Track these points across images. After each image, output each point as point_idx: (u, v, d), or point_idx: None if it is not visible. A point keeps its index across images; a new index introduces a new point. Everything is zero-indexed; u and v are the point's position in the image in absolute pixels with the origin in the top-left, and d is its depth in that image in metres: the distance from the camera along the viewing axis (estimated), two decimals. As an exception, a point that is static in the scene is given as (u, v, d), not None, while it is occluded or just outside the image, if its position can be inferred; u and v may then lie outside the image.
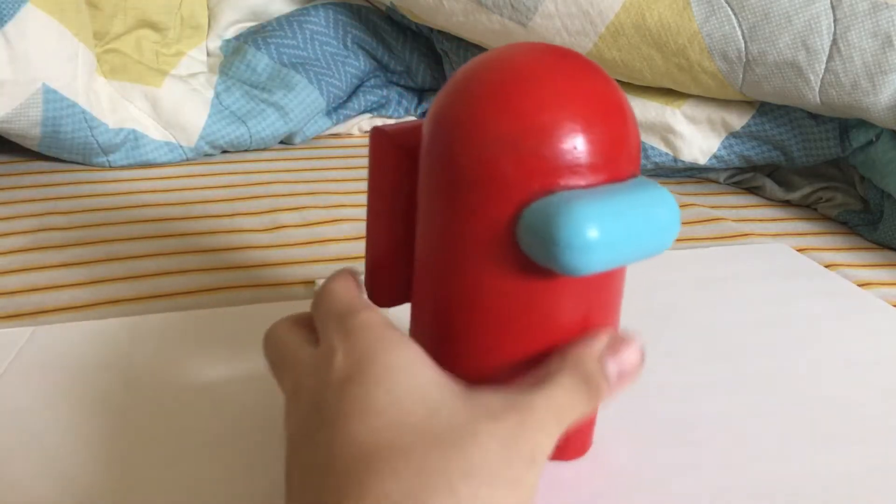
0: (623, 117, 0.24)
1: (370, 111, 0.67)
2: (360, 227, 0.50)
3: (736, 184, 0.60)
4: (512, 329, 0.25)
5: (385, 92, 0.68)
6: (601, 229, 0.22)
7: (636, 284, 0.34)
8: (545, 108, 0.23)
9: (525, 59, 0.24)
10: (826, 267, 0.48)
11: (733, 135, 0.57)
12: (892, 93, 0.49)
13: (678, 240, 0.50)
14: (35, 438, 0.30)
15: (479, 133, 0.23)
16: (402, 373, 0.22)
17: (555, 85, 0.23)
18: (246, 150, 0.62)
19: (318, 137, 0.65)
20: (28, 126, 0.53)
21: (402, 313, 0.29)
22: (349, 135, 0.67)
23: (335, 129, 0.66)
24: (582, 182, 0.23)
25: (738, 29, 0.52)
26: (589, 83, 0.24)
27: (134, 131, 0.57)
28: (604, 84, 0.24)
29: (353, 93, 0.67)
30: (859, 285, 0.45)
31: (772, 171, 0.60)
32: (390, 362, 0.22)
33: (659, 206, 0.24)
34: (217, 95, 0.60)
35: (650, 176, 0.61)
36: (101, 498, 0.28)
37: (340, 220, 0.51)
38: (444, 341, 0.26)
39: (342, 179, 0.57)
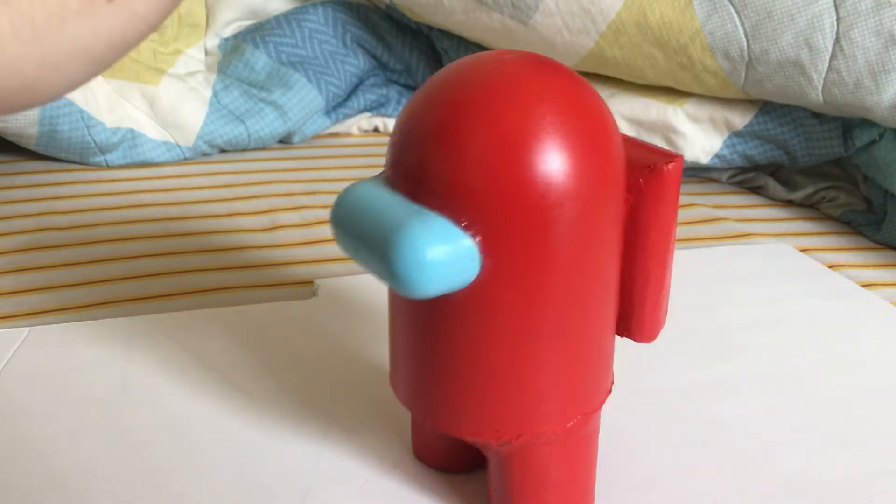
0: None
1: (369, 110, 0.67)
2: (360, 227, 0.49)
3: (738, 183, 0.60)
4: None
5: (384, 91, 0.67)
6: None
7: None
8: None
9: (505, 69, 0.23)
10: (829, 267, 0.47)
11: (736, 134, 0.57)
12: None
13: (681, 240, 0.50)
14: (31, 439, 0.30)
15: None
16: None
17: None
18: (244, 150, 0.61)
19: (316, 137, 0.65)
20: (25, 125, 0.52)
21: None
22: (348, 134, 0.67)
23: (334, 129, 0.66)
24: None
25: (740, 27, 0.51)
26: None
27: (131, 130, 0.56)
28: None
29: (353, 92, 0.66)
30: (862, 286, 0.45)
31: (774, 170, 0.60)
32: None
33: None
34: (215, 94, 0.60)
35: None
36: (97, 500, 0.28)
37: (340, 219, 0.50)
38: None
39: (341, 179, 0.57)
